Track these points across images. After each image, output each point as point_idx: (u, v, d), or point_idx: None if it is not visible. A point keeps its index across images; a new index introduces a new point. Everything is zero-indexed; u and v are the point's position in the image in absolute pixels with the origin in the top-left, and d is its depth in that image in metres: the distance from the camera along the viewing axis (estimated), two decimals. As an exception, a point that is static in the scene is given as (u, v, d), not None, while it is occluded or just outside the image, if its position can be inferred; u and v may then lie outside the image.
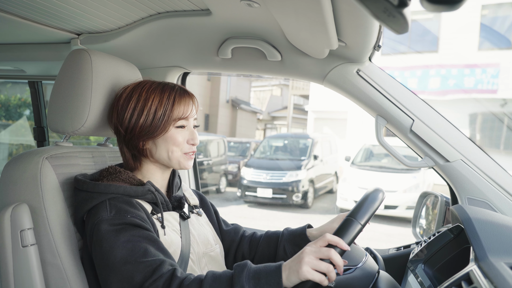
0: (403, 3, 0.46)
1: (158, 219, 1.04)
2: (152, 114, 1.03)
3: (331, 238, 0.89)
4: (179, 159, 1.08)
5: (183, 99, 1.07)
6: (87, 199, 0.99)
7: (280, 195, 8.65)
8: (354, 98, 1.41)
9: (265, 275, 0.84)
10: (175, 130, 1.06)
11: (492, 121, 11.82)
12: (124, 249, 0.89)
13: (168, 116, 1.04)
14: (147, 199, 1.04)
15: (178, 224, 1.09)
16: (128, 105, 1.05)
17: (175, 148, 1.06)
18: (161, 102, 1.04)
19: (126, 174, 1.06)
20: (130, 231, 0.92)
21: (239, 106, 19.95)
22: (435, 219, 1.46)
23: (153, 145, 1.07)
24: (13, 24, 1.45)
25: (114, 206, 0.97)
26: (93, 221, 0.95)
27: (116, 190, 0.99)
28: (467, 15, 11.54)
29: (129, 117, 1.05)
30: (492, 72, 11.45)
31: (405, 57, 13.02)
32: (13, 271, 1.01)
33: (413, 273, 1.19)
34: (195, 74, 1.78)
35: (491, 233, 0.91)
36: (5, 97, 6.82)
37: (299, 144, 10.12)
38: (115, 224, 0.93)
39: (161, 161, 1.09)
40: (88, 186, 1.00)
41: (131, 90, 1.08)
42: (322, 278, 0.84)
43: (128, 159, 1.10)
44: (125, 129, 1.06)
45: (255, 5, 1.13)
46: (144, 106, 1.04)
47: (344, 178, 8.55)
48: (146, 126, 1.03)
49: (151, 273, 0.86)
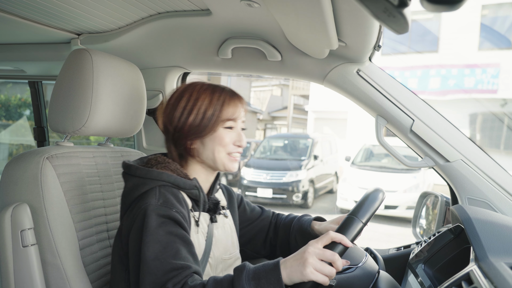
0: (403, 3, 0.46)
1: (194, 217, 1.05)
2: (202, 113, 1.05)
3: (335, 235, 0.90)
4: (224, 160, 1.09)
5: (233, 100, 1.09)
6: (139, 184, 1.00)
7: (280, 195, 8.65)
8: (354, 98, 1.41)
9: (264, 275, 0.85)
10: (223, 131, 1.08)
11: (492, 121, 11.82)
12: (158, 244, 0.90)
13: (217, 116, 1.06)
14: (191, 194, 1.06)
15: (207, 226, 1.10)
16: (179, 104, 1.06)
17: (221, 148, 1.07)
18: (211, 102, 1.06)
19: (174, 165, 1.07)
20: (170, 227, 0.93)
21: (239, 106, 19.91)
22: (435, 219, 1.46)
23: (201, 145, 1.08)
24: (13, 24, 1.45)
25: (163, 195, 0.98)
26: (140, 205, 0.96)
27: (167, 178, 1.01)
28: (467, 15, 11.54)
29: (179, 116, 1.06)
30: (492, 72, 11.45)
31: (405, 57, 13.02)
32: (14, 271, 1.01)
33: (413, 273, 1.19)
34: (195, 74, 1.79)
35: (491, 233, 0.91)
36: (5, 97, 6.82)
37: (299, 144, 10.11)
38: (160, 215, 0.94)
39: (207, 161, 1.09)
40: (142, 172, 1.01)
41: (182, 90, 1.09)
42: (325, 280, 0.85)
43: (174, 158, 1.10)
44: (174, 128, 1.07)
45: (255, 5, 1.13)
46: (194, 106, 1.05)
47: (344, 178, 8.55)
48: (195, 125, 1.05)
49: (172, 277, 0.88)
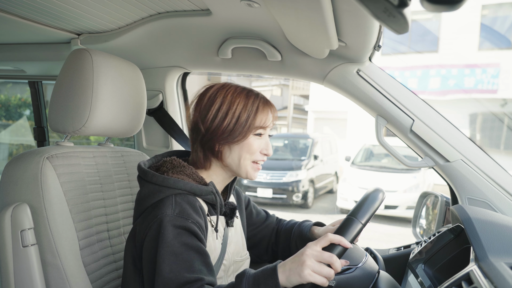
0: (403, 3, 0.46)
1: (211, 222, 1.04)
2: (236, 118, 1.03)
3: (334, 237, 0.90)
4: (248, 168, 1.07)
5: (266, 108, 1.07)
6: (155, 192, 0.98)
7: (280, 195, 8.64)
8: (354, 98, 1.41)
9: (263, 280, 0.86)
10: (253, 138, 1.06)
11: (492, 121, 11.81)
12: (173, 256, 0.89)
13: (251, 123, 1.04)
14: (207, 199, 1.04)
15: (224, 230, 1.09)
16: (213, 105, 1.04)
17: (248, 155, 1.06)
18: (246, 107, 1.04)
19: (190, 169, 1.05)
20: (185, 238, 0.92)
21: (239, 106, 19.93)
22: (435, 219, 1.46)
23: (228, 149, 1.06)
24: (13, 24, 1.45)
25: (178, 204, 0.96)
26: (156, 214, 0.95)
27: (184, 186, 0.99)
28: (467, 15, 11.54)
29: (212, 117, 1.04)
30: (492, 72, 11.45)
31: (405, 57, 13.02)
32: (14, 271, 1.01)
33: (413, 273, 1.19)
34: (195, 74, 1.78)
35: (491, 233, 0.91)
36: (5, 97, 6.83)
37: (299, 144, 10.11)
38: (176, 226, 0.92)
39: (231, 166, 1.08)
40: (158, 179, 0.99)
41: (216, 91, 1.06)
42: (324, 281, 0.85)
43: (199, 158, 1.08)
44: (206, 129, 1.05)
45: (255, 5, 1.13)
46: (228, 109, 1.03)
47: (344, 178, 8.55)
48: (229, 129, 1.03)
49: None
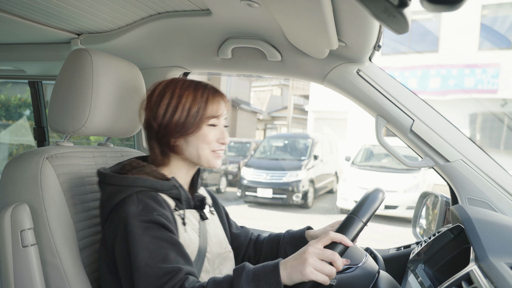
0: (403, 3, 0.46)
1: (180, 216, 1.04)
2: (187, 110, 1.04)
3: (335, 235, 0.90)
4: (208, 157, 1.08)
5: (216, 97, 1.08)
6: (115, 193, 0.99)
7: (280, 195, 8.64)
8: (354, 98, 1.41)
9: (264, 276, 0.85)
10: (207, 128, 1.07)
11: (492, 121, 11.81)
12: (146, 251, 0.89)
13: (202, 114, 1.05)
14: (171, 194, 1.04)
15: (198, 223, 1.09)
16: (162, 101, 1.05)
17: (205, 145, 1.07)
18: (195, 99, 1.05)
19: (149, 168, 1.06)
20: (155, 231, 0.92)
21: (239, 106, 19.94)
22: (435, 219, 1.46)
23: (184, 143, 1.07)
24: (13, 24, 1.45)
25: (141, 200, 0.96)
26: (120, 215, 0.95)
27: (143, 183, 0.99)
28: (467, 15, 11.54)
29: (163, 113, 1.04)
30: (492, 72, 11.44)
31: (405, 57, 13.01)
32: (13, 271, 1.01)
33: (413, 273, 1.19)
34: (195, 74, 1.78)
35: (491, 233, 0.91)
36: (5, 97, 6.83)
37: (299, 144, 10.11)
38: (142, 220, 0.93)
39: (191, 158, 1.09)
40: (116, 180, 1.00)
41: (164, 87, 1.07)
42: (326, 279, 0.85)
43: (157, 155, 1.09)
44: (159, 125, 1.05)
45: (255, 5, 1.13)
46: (178, 103, 1.04)
47: (344, 178, 8.55)
48: (180, 123, 1.04)
49: (166, 281, 0.87)
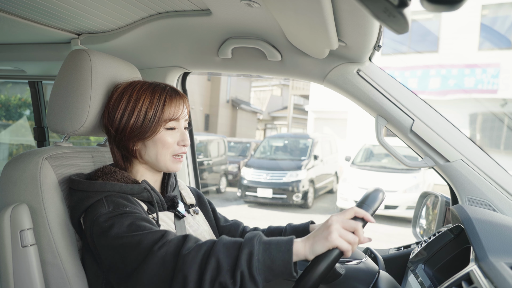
0: (403, 3, 0.46)
1: (153, 219, 1.03)
2: (143, 115, 1.03)
3: (359, 210, 0.91)
4: (166, 162, 1.07)
5: (174, 100, 1.07)
6: (83, 198, 0.99)
7: (280, 195, 8.65)
8: (354, 98, 1.41)
9: (276, 242, 0.83)
10: (165, 132, 1.06)
11: (492, 121, 11.81)
12: (129, 230, 0.89)
13: (159, 118, 1.04)
14: (142, 197, 1.04)
15: (173, 223, 1.09)
16: (119, 106, 1.05)
17: (164, 151, 1.06)
18: (152, 103, 1.03)
19: (121, 173, 1.05)
20: (132, 216, 0.92)
21: (239, 106, 19.95)
22: (435, 219, 1.46)
23: (143, 147, 1.06)
24: (13, 24, 1.45)
25: (111, 201, 0.96)
26: (92, 218, 0.95)
27: (112, 188, 0.99)
28: (467, 15, 11.54)
29: (120, 117, 1.04)
30: (492, 72, 11.44)
31: (406, 57, 13.01)
32: (13, 271, 1.01)
33: (413, 273, 1.19)
34: (195, 74, 1.78)
35: (491, 233, 0.91)
36: (5, 97, 6.82)
37: (299, 144, 10.11)
38: (115, 215, 0.92)
39: (150, 163, 1.08)
40: (84, 185, 1.00)
41: (122, 91, 1.07)
42: (349, 248, 0.82)
43: (118, 160, 1.09)
44: (116, 130, 1.05)
45: (255, 5, 1.13)
46: (134, 107, 1.03)
47: (344, 178, 8.55)
48: (137, 127, 1.03)
49: (159, 238, 0.86)
